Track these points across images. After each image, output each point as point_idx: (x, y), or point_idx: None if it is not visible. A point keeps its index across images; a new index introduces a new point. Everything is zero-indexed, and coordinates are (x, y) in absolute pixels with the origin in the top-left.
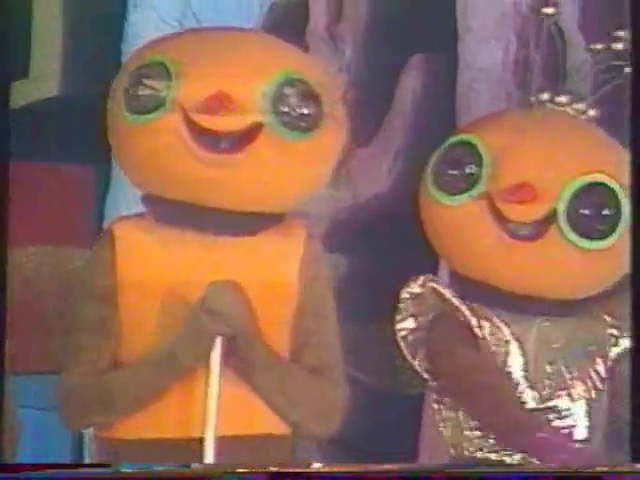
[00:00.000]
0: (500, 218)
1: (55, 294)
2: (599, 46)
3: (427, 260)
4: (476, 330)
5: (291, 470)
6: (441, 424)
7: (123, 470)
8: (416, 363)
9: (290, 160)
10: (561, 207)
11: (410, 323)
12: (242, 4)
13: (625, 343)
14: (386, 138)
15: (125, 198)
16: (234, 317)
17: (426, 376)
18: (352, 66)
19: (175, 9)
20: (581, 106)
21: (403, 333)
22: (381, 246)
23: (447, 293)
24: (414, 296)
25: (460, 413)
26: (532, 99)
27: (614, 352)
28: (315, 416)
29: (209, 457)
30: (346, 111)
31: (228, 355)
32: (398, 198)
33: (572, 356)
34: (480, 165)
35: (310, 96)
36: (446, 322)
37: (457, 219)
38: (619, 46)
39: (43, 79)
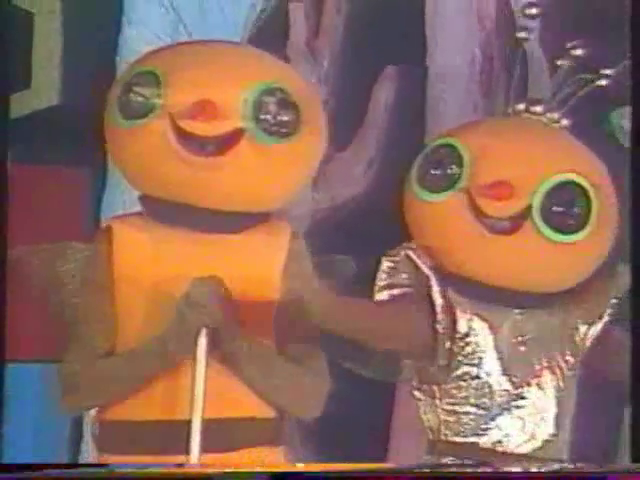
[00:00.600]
0: (478, 213)
1: (55, 288)
2: (560, 61)
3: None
4: (438, 309)
5: (291, 470)
6: (420, 408)
7: (122, 470)
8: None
9: (270, 163)
10: (536, 204)
11: (384, 295)
12: (229, 19)
13: (594, 335)
14: (361, 143)
15: (120, 199)
16: (216, 310)
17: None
18: (330, 77)
19: (167, 25)
20: (554, 115)
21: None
22: (359, 243)
23: (421, 264)
24: (389, 269)
25: (437, 397)
26: (509, 110)
27: (585, 344)
28: (298, 402)
29: (196, 439)
30: (324, 118)
31: (213, 345)
32: (373, 199)
33: (543, 347)
34: (461, 165)
35: (288, 104)
36: (412, 296)
37: (438, 214)
38: (580, 61)
39: (44, 89)
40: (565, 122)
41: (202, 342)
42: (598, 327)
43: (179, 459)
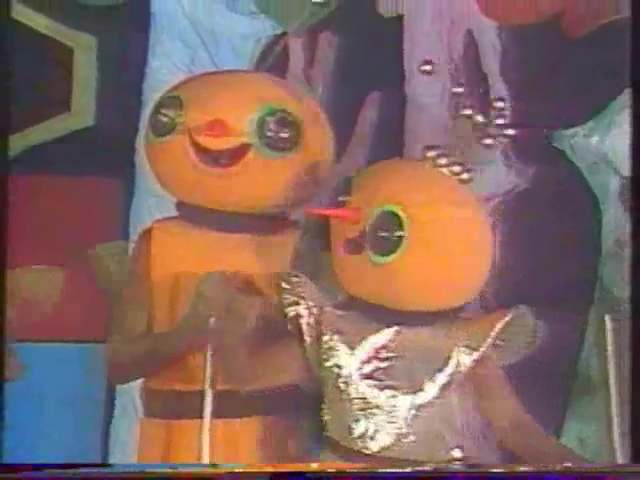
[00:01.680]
0: None
1: (108, 280)
2: (479, 117)
3: None
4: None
5: (291, 470)
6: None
7: (123, 470)
8: None
9: (273, 173)
10: (368, 229)
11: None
12: (238, 51)
13: (476, 355)
14: (350, 156)
15: (146, 205)
16: (222, 302)
17: None
18: (323, 101)
19: (185, 57)
20: (455, 169)
21: None
22: None
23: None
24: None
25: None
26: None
27: (468, 360)
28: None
29: (208, 406)
30: (326, 134)
31: (219, 331)
32: None
33: (422, 360)
34: None
35: (288, 123)
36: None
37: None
38: (499, 120)
39: (81, 112)
40: (465, 176)
41: (211, 329)
42: (475, 355)
43: (197, 422)
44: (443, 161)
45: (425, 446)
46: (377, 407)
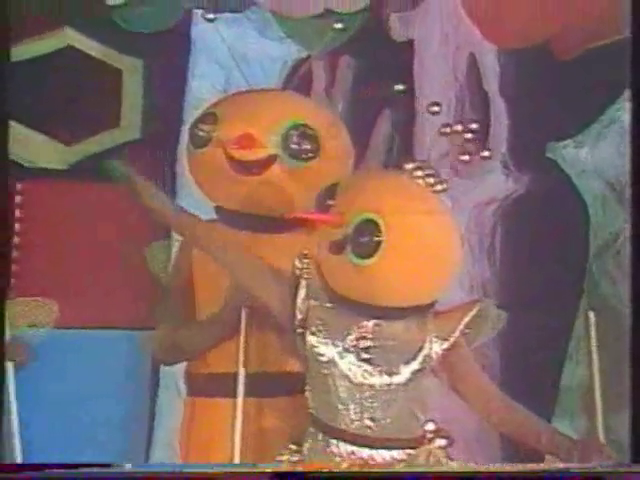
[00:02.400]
0: None
1: (157, 275)
2: (457, 130)
3: None
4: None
5: (291, 470)
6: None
7: (123, 470)
8: None
9: (296, 180)
10: (349, 235)
11: None
12: (267, 72)
13: (447, 344)
14: (366, 164)
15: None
16: (252, 291)
17: None
18: (342, 116)
19: (221, 77)
20: (430, 180)
21: None
22: None
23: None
24: None
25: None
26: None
27: (438, 348)
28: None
29: (240, 386)
30: (346, 146)
31: (252, 318)
32: None
33: (393, 352)
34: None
35: (309, 136)
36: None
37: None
38: (470, 135)
39: (129, 127)
40: (438, 187)
41: (243, 317)
42: (445, 344)
43: (230, 402)
44: (419, 173)
45: (401, 423)
46: (358, 390)
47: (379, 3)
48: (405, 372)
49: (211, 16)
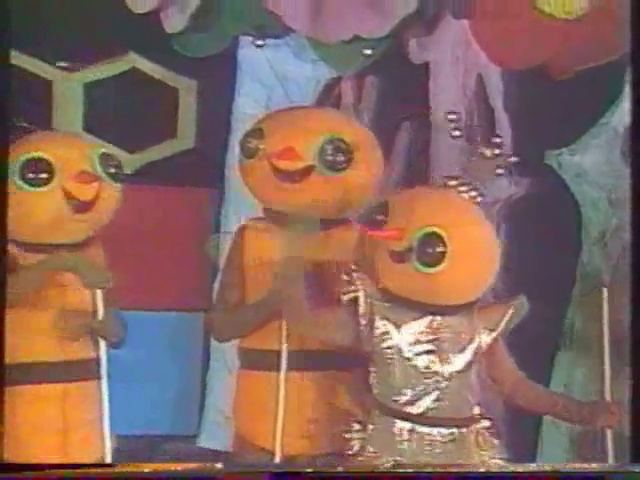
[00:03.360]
0: None
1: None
2: (487, 152)
3: None
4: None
5: (291, 470)
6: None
7: (121, 470)
8: None
9: (331, 188)
10: (415, 245)
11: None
12: (302, 90)
13: (494, 334)
14: (390, 172)
15: (233, 210)
16: (298, 281)
17: None
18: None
19: (263, 95)
20: (472, 194)
21: None
22: None
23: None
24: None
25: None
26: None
27: (487, 339)
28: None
29: (283, 361)
30: (378, 157)
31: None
32: None
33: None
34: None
35: (342, 149)
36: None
37: None
38: (497, 151)
39: (184, 137)
40: (479, 199)
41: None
42: (493, 334)
43: (274, 375)
44: (463, 188)
45: (455, 405)
46: (420, 376)
47: (400, 30)
48: (460, 361)
49: (260, 42)
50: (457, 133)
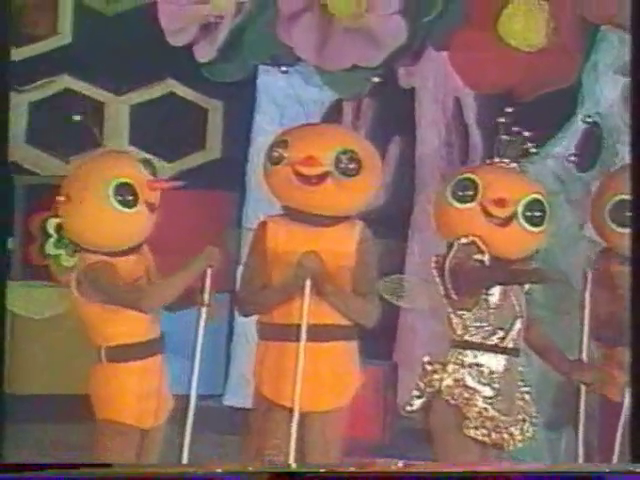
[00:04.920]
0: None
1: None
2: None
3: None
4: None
5: (291, 470)
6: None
7: (121, 470)
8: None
9: (344, 190)
10: (520, 210)
11: None
12: (311, 110)
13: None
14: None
15: (253, 210)
16: (316, 267)
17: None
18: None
19: (277, 113)
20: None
21: None
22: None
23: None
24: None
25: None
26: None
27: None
28: (362, 316)
29: (303, 333)
30: (380, 166)
31: (314, 286)
32: (387, 208)
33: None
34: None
35: (353, 159)
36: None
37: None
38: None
39: (212, 149)
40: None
41: (307, 285)
42: None
43: (290, 346)
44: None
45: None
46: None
47: (391, 60)
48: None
49: (281, 68)
50: (438, 146)
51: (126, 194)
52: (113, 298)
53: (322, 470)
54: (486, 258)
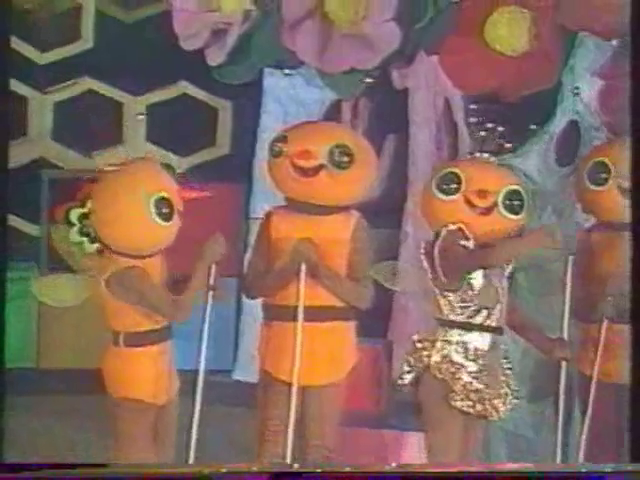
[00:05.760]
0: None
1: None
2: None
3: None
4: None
5: (291, 470)
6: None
7: (121, 470)
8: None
9: (339, 183)
10: (501, 200)
11: None
12: (310, 110)
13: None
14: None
15: (259, 200)
16: (310, 253)
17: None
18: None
19: (281, 112)
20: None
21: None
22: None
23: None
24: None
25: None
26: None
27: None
28: (356, 299)
29: (300, 313)
30: (374, 160)
31: (309, 271)
32: (383, 200)
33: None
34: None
35: (346, 153)
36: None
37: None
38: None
39: (222, 145)
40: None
41: (303, 269)
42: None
43: (291, 326)
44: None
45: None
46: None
47: (386, 63)
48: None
49: (285, 71)
50: (429, 141)
51: (164, 207)
52: (148, 304)
53: (322, 470)
54: (471, 244)
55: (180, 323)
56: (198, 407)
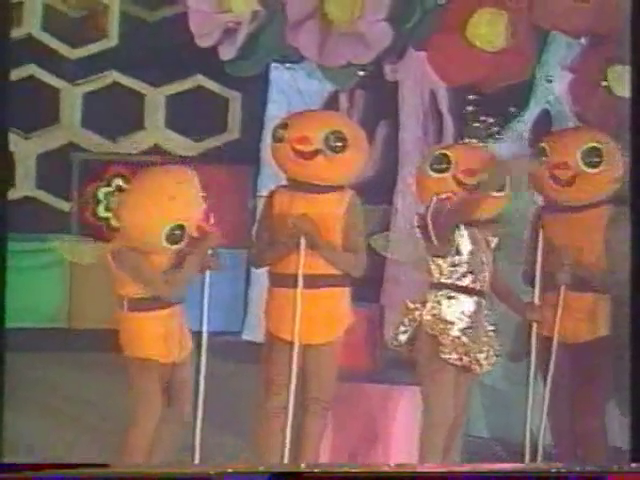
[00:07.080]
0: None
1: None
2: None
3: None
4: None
5: (291, 470)
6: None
7: (121, 470)
8: None
9: (334, 165)
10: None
11: None
12: (312, 100)
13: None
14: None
15: (265, 179)
16: (307, 227)
17: None
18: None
19: (284, 102)
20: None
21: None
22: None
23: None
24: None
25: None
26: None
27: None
28: (351, 267)
29: (299, 281)
30: (366, 145)
31: (307, 242)
32: (376, 179)
33: None
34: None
35: (340, 138)
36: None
37: None
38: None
39: (232, 131)
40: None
41: (302, 242)
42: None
43: (292, 292)
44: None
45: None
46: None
47: (379, 58)
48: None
49: (289, 65)
50: (417, 129)
51: (177, 233)
52: (143, 282)
53: (321, 470)
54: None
55: (175, 299)
56: (204, 367)
